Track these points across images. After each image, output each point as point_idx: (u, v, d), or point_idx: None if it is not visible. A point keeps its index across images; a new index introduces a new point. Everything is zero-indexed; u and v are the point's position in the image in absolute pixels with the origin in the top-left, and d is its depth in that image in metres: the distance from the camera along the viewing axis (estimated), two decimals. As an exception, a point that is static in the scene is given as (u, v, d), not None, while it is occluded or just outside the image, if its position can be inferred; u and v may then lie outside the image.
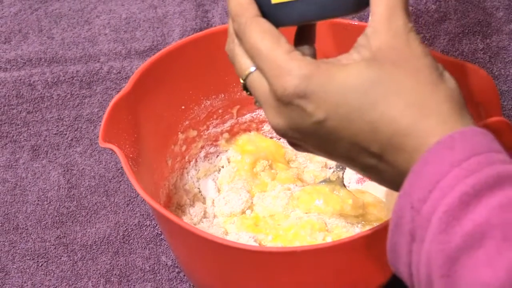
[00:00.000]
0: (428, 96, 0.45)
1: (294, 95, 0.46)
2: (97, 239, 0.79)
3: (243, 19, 0.49)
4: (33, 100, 0.91)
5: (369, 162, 0.47)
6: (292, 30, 0.52)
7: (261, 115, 0.83)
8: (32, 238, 0.79)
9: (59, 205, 0.82)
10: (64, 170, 0.84)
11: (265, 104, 0.49)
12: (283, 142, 0.83)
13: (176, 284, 0.75)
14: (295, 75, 0.46)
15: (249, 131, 0.83)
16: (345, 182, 0.76)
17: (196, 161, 0.81)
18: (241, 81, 0.50)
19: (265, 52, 0.47)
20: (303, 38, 0.52)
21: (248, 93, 0.51)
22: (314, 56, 0.52)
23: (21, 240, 0.79)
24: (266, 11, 0.49)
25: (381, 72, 0.45)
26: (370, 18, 0.47)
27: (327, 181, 0.75)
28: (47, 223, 0.80)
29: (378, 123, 0.45)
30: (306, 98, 0.46)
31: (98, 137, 0.67)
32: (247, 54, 0.49)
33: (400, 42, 0.46)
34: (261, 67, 0.48)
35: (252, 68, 0.49)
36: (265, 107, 0.49)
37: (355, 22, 0.75)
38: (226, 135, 0.82)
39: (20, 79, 0.92)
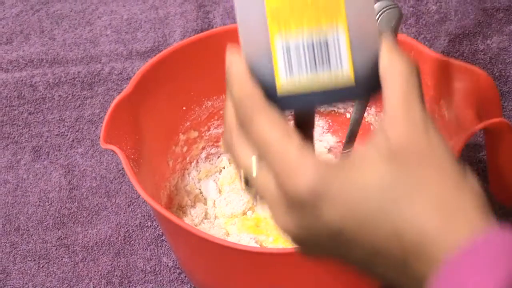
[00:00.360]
0: (452, 197, 0.42)
1: (307, 196, 0.42)
2: (98, 240, 0.79)
3: (249, 105, 0.45)
4: (34, 101, 0.91)
5: (388, 268, 0.43)
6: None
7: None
8: (33, 239, 0.79)
9: (60, 206, 0.82)
10: (66, 171, 0.85)
11: (271, 202, 0.44)
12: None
13: (177, 285, 0.75)
14: (309, 175, 0.42)
15: (250, 132, 0.83)
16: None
17: (197, 162, 0.81)
18: (242, 177, 0.46)
19: (275, 146, 0.43)
20: (303, 119, 0.49)
21: (248, 188, 0.47)
22: (312, 138, 0.49)
23: (22, 241, 0.79)
24: (271, 97, 0.46)
25: (401, 170, 0.42)
26: (384, 106, 0.43)
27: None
28: (48, 224, 0.80)
29: (400, 229, 0.41)
30: (320, 200, 0.42)
31: (99, 138, 0.67)
32: (251, 145, 0.45)
33: (419, 134, 0.42)
34: (269, 161, 0.44)
35: (257, 165, 0.45)
36: (272, 205, 0.45)
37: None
38: (227, 136, 0.82)
39: (22, 80, 0.92)
